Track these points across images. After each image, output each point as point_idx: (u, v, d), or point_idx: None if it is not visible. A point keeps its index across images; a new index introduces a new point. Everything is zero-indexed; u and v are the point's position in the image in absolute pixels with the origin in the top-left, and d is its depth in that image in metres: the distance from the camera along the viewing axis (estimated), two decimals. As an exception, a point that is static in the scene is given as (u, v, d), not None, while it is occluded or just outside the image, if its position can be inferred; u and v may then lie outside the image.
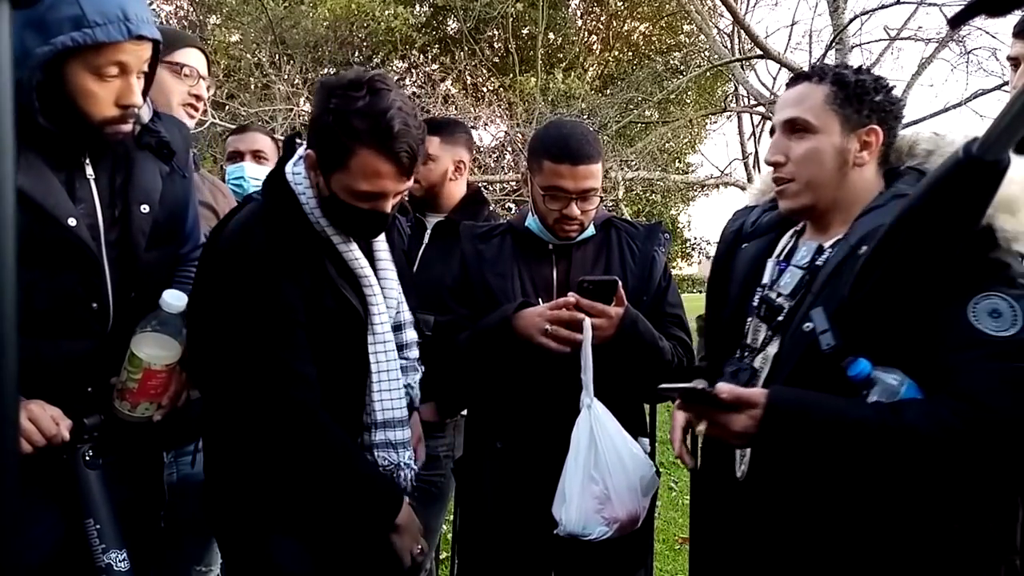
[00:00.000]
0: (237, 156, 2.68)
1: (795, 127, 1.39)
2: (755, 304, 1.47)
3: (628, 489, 1.66)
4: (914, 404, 1.20)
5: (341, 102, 1.41)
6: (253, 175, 2.58)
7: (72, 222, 1.38)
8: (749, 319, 1.48)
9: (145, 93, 1.49)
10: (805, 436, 1.23)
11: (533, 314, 1.72)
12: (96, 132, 1.40)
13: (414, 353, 1.68)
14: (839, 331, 1.25)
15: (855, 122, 1.37)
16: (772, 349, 1.40)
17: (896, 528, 1.26)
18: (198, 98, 2.12)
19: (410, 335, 1.68)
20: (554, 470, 1.71)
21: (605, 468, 1.64)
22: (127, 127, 1.44)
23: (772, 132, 1.46)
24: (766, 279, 1.48)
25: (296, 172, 1.55)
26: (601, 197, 1.89)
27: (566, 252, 1.90)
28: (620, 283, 1.72)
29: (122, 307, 1.47)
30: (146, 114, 1.57)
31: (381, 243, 1.67)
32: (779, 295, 1.41)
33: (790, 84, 1.46)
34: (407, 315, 1.67)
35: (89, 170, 1.46)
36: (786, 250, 1.50)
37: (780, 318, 1.39)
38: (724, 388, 1.25)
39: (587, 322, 1.68)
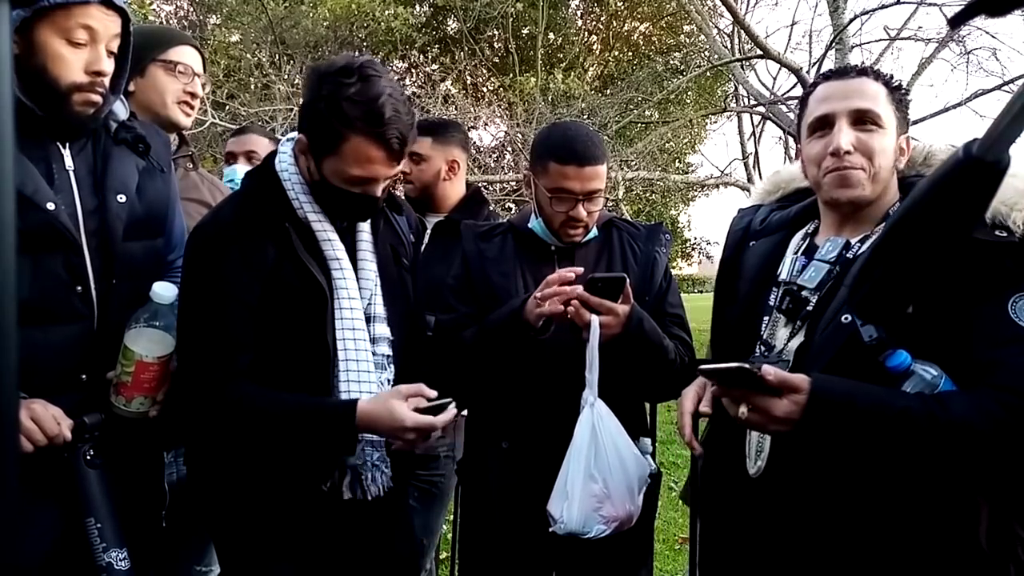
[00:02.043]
0: (231, 158, 2.69)
1: (864, 119, 1.38)
2: (772, 301, 1.46)
3: (627, 488, 1.66)
4: (959, 396, 1.20)
5: (333, 88, 1.42)
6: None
7: (51, 206, 1.42)
8: (766, 317, 1.47)
9: (118, 81, 1.53)
10: (849, 423, 1.22)
11: (532, 300, 1.71)
12: (65, 102, 1.43)
13: (383, 349, 1.62)
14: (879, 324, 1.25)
15: (902, 126, 1.41)
16: (795, 343, 1.40)
17: (919, 528, 1.26)
18: (193, 96, 2.12)
19: (380, 330, 1.62)
20: (554, 459, 1.70)
21: (606, 467, 1.64)
22: (96, 98, 1.46)
23: (823, 121, 1.41)
24: (784, 275, 1.47)
25: (283, 152, 1.57)
26: (606, 198, 1.89)
27: (568, 253, 1.90)
28: (628, 280, 1.71)
29: (105, 294, 1.49)
30: (122, 112, 1.60)
31: (365, 232, 1.66)
32: (802, 289, 1.41)
33: (834, 76, 1.44)
34: (380, 309, 1.62)
35: (69, 161, 1.49)
36: (802, 247, 1.50)
37: (808, 308, 1.38)
38: (770, 370, 1.23)
39: (595, 320, 1.67)
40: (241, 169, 2.61)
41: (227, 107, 9.40)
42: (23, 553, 1.37)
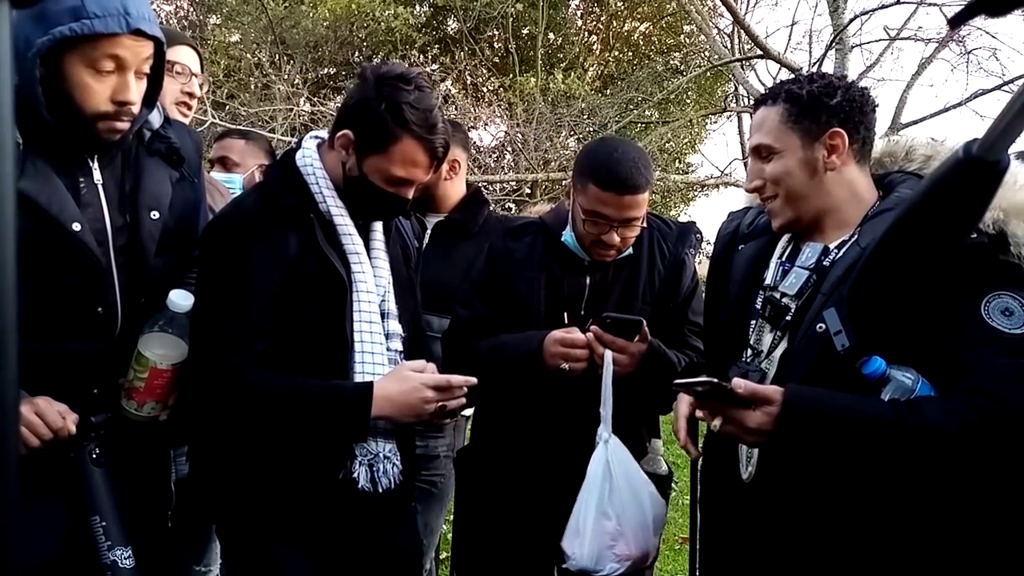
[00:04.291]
0: (211, 164, 2.70)
1: (760, 152, 1.43)
2: (758, 306, 1.47)
3: (641, 527, 1.64)
4: (931, 401, 1.21)
5: (392, 92, 1.48)
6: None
7: (76, 227, 1.39)
8: (753, 321, 1.47)
9: (153, 98, 1.50)
10: (822, 433, 1.23)
11: (551, 343, 1.72)
12: (91, 128, 1.40)
13: (396, 345, 1.65)
14: (853, 332, 1.25)
15: (815, 132, 1.39)
16: (779, 350, 1.40)
17: (908, 531, 1.26)
18: (191, 96, 2.11)
19: (393, 326, 1.64)
20: (558, 476, 1.71)
21: (620, 504, 1.62)
22: (122, 125, 1.43)
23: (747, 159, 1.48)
24: (769, 280, 1.48)
25: (306, 148, 1.60)
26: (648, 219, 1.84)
27: (600, 264, 1.86)
28: (644, 323, 1.69)
29: (131, 312, 1.48)
30: (156, 120, 1.57)
31: (378, 232, 1.68)
32: (784, 296, 1.41)
33: (753, 110, 1.49)
34: (392, 306, 1.65)
35: (97, 175, 1.46)
36: (787, 252, 1.50)
37: (787, 318, 1.39)
38: (740, 383, 1.25)
39: (608, 355, 1.67)
40: (217, 175, 2.61)
41: (227, 107, 9.39)
42: (30, 550, 1.38)
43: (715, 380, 1.25)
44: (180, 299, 1.49)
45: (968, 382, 1.19)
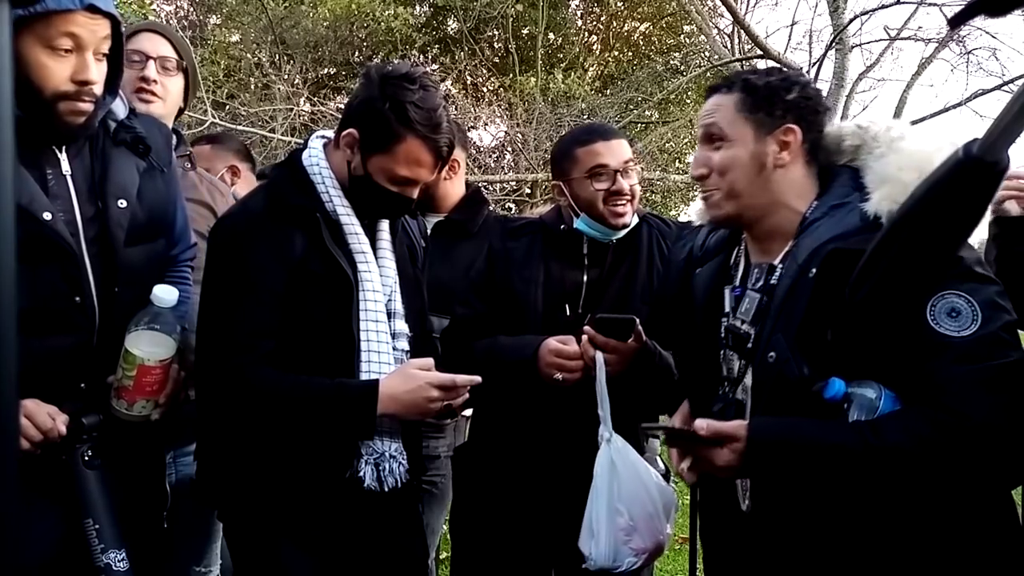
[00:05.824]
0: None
1: (711, 138, 1.39)
2: (723, 335, 1.45)
3: (653, 517, 1.65)
4: (893, 419, 1.18)
5: (396, 91, 1.48)
6: None
7: (47, 216, 1.39)
8: (722, 351, 1.46)
9: (115, 84, 1.50)
10: (789, 464, 1.23)
11: (546, 353, 1.73)
12: (52, 111, 1.38)
13: (402, 344, 1.65)
14: (803, 356, 1.24)
15: (769, 125, 1.35)
16: (749, 379, 1.38)
17: (913, 551, 1.24)
18: (147, 80, 2.05)
19: (399, 326, 1.65)
20: (556, 476, 1.72)
21: (630, 499, 1.63)
22: (85, 106, 1.42)
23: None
24: (727, 307, 1.45)
25: (312, 147, 1.61)
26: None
27: (599, 259, 1.87)
28: (638, 321, 1.70)
29: (107, 303, 1.48)
30: (121, 111, 1.57)
31: (385, 232, 1.68)
32: (743, 322, 1.39)
33: (706, 98, 1.46)
34: (399, 306, 1.66)
35: (65, 166, 1.46)
36: (739, 274, 1.47)
37: (748, 346, 1.37)
38: (701, 424, 1.26)
39: (599, 357, 1.67)
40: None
41: (227, 107, 9.39)
42: (23, 554, 1.37)
43: (675, 425, 1.31)
44: (165, 294, 1.48)
45: (928, 394, 1.18)
